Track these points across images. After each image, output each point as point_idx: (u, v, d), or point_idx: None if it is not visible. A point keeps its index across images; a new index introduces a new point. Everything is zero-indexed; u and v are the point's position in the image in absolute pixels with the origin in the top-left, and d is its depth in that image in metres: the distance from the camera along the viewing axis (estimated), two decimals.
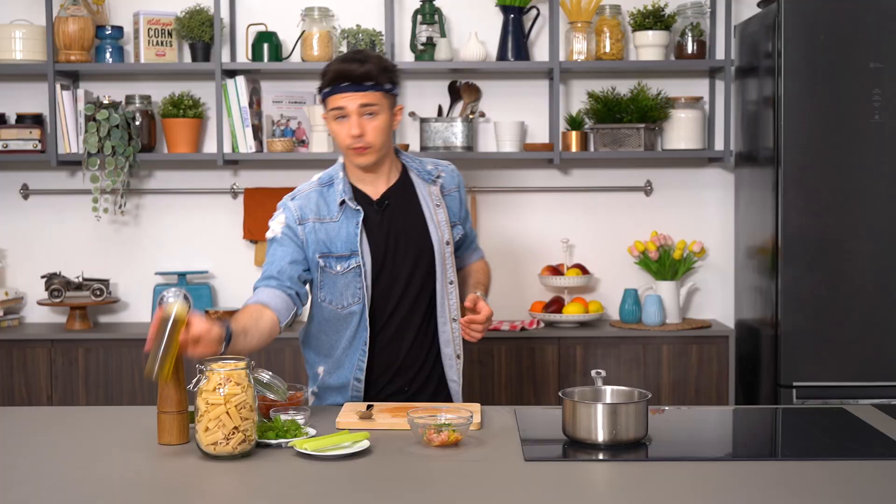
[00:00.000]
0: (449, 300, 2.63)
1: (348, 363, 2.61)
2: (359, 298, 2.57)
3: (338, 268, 2.55)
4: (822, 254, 3.53)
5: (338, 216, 2.56)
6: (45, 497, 1.89)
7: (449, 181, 2.70)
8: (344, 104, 2.50)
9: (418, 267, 2.60)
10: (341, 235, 2.55)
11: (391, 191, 2.61)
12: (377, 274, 2.57)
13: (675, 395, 3.84)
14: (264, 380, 2.29)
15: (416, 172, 2.65)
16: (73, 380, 3.84)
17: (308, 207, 2.57)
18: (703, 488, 1.93)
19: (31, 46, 3.93)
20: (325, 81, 2.54)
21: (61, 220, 4.19)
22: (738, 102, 3.98)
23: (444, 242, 2.61)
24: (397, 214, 2.60)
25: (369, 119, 2.51)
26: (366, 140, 2.51)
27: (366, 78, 2.49)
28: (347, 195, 2.57)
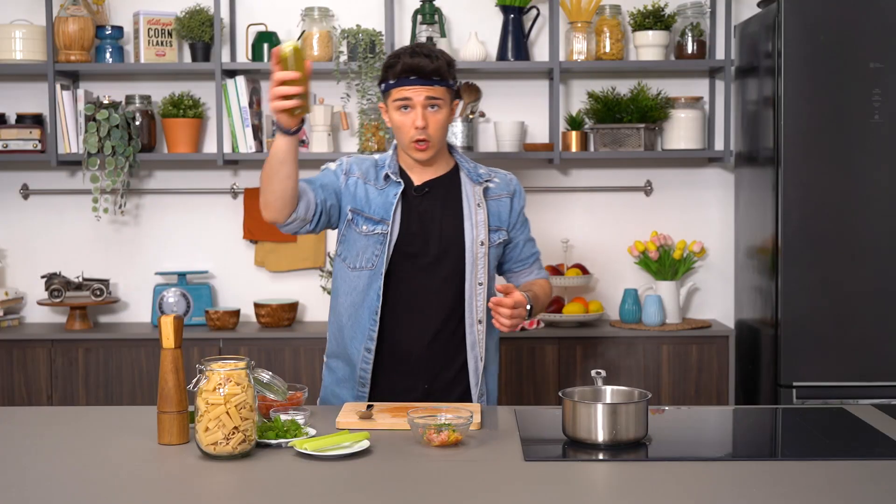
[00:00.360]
0: (477, 301, 2.62)
1: (359, 333, 2.61)
2: (372, 265, 2.58)
3: (363, 227, 2.59)
4: (822, 254, 3.53)
5: (382, 185, 2.61)
6: (46, 497, 1.89)
7: (500, 187, 2.70)
8: (412, 96, 2.54)
9: (447, 260, 2.61)
10: (378, 200, 2.60)
11: (435, 181, 2.65)
12: (400, 251, 2.59)
13: (675, 395, 3.84)
14: (264, 380, 2.29)
15: (466, 171, 2.67)
16: (73, 380, 3.84)
17: (359, 167, 2.64)
18: (703, 488, 1.93)
19: (31, 46, 3.93)
20: (391, 73, 2.56)
21: (61, 220, 4.19)
22: (738, 102, 3.99)
23: (478, 241, 2.61)
24: (435, 204, 2.63)
25: (433, 112, 2.56)
26: (428, 133, 2.55)
27: (435, 74, 2.54)
28: (392, 170, 2.62)
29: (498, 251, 2.69)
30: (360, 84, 3.93)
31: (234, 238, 4.19)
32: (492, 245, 2.65)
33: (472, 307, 2.62)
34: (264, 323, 3.97)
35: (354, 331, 2.63)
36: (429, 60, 2.54)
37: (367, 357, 2.62)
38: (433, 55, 2.56)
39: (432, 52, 2.57)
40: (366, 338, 2.61)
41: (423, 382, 2.64)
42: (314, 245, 4.14)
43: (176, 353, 2.22)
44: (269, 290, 4.18)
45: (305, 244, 4.13)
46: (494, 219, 2.67)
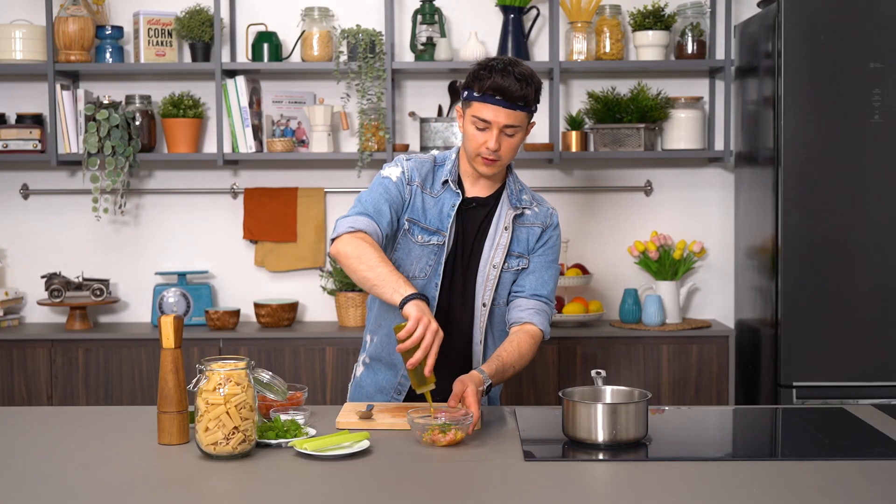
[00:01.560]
0: (480, 321, 2.61)
1: None
2: (426, 275, 2.57)
3: (419, 237, 2.57)
4: (822, 254, 3.53)
5: (439, 193, 2.59)
6: (46, 497, 1.89)
7: (535, 217, 2.65)
8: (491, 118, 2.47)
9: (468, 276, 2.60)
10: (435, 210, 2.58)
11: (480, 199, 2.61)
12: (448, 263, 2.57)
13: (675, 395, 3.84)
14: (264, 380, 2.29)
15: (510, 193, 2.63)
16: (73, 380, 3.84)
17: (419, 172, 2.59)
18: (703, 488, 1.93)
19: (31, 46, 3.93)
20: (477, 86, 2.48)
21: (61, 220, 4.19)
22: (738, 102, 3.99)
23: (491, 263, 2.59)
24: (475, 220, 2.60)
25: (508, 138, 2.50)
26: (498, 154, 2.51)
27: (521, 100, 2.47)
28: (452, 177, 2.59)
29: (513, 277, 2.63)
30: (360, 84, 3.93)
31: (234, 238, 4.19)
32: (507, 270, 2.61)
33: (477, 327, 2.61)
34: (264, 323, 3.97)
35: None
36: (519, 86, 2.45)
37: None
38: (525, 79, 2.46)
39: (524, 75, 2.47)
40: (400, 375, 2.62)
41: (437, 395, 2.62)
42: (314, 245, 4.14)
43: (176, 353, 2.22)
44: (269, 290, 4.18)
45: (305, 244, 4.13)
46: (520, 245, 2.62)
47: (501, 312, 2.64)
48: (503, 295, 2.62)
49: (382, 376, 2.66)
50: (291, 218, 4.13)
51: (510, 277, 2.62)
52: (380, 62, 3.90)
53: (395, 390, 2.64)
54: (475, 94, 2.48)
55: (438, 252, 2.57)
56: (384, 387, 2.66)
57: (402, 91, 4.13)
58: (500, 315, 2.64)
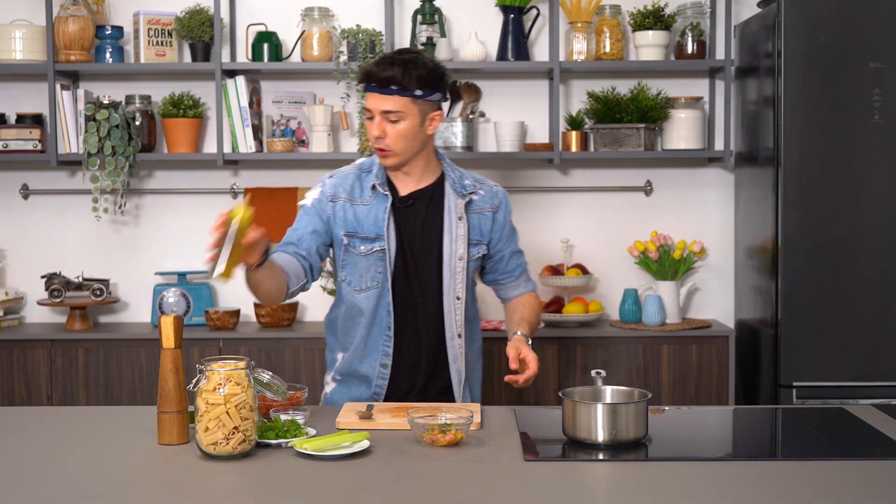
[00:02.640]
0: (455, 315, 2.62)
1: (371, 351, 2.63)
2: (377, 283, 2.59)
3: (361, 248, 2.59)
4: (822, 254, 3.53)
5: (369, 200, 2.61)
6: (45, 497, 1.89)
7: (484, 200, 2.67)
8: (371, 106, 2.54)
9: (430, 274, 2.61)
10: (370, 218, 2.59)
11: (419, 192, 2.63)
12: (398, 264, 2.59)
13: (675, 395, 3.84)
14: (264, 380, 2.29)
15: (451, 182, 2.64)
16: (73, 380, 3.84)
17: (342, 187, 2.63)
18: (703, 488, 1.93)
19: (31, 46, 3.93)
20: (361, 76, 2.58)
21: (61, 220, 4.19)
22: (738, 102, 3.98)
23: (455, 256, 2.60)
24: (418, 216, 2.61)
25: (391, 124, 2.53)
26: (385, 143, 2.54)
27: (389, 82, 2.50)
28: (379, 181, 2.61)
29: (475, 265, 2.68)
30: (359, 84, 3.93)
31: None
32: (471, 259, 2.64)
33: (452, 322, 2.62)
34: (264, 323, 3.97)
35: (368, 349, 2.64)
36: (383, 69, 2.49)
37: (384, 373, 2.63)
38: (395, 63, 2.50)
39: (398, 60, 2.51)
40: (381, 354, 2.63)
41: (413, 396, 2.65)
42: None
43: (176, 353, 2.22)
44: None
45: None
46: (475, 232, 2.65)
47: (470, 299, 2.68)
48: (469, 285, 2.66)
49: (356, 390, 2.68)
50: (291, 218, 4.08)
51: (473, 266, 2.66)
52: None
53: (371, 399, 2.66)
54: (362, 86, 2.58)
55: (383, 257, 2.58)
56: (360, 399, 2.67)
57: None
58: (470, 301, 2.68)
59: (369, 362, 2.64)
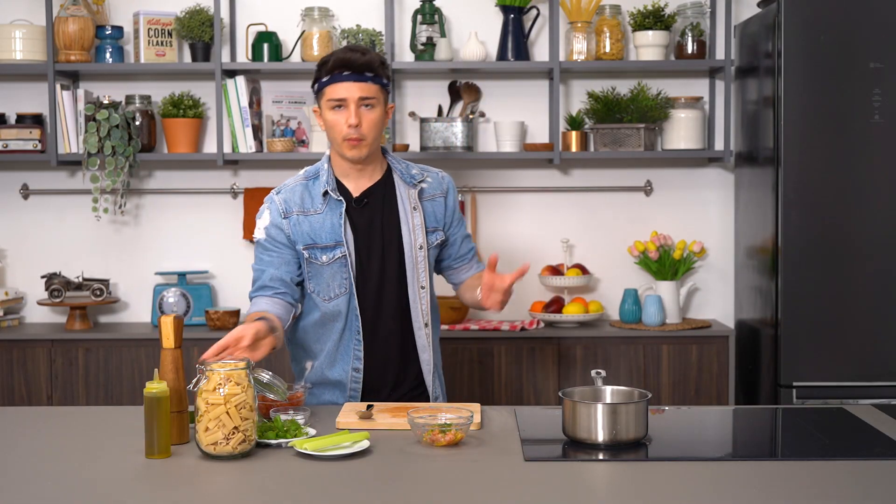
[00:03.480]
0: (421, 304, 2.63)
1: (342, 356, 2.64)
2: (345, 289, 2.59)
3: (323, 258, 2.58)
4: (822, 254, 3.53)
5: (322, 208, 2.59)
6: (45, 497, 1.89)
7: (433, 187, 2.69)
8: (345, 95, 2.52)
9: (392, 267, 2.62)
10: (326, 227, 2.58)
11: (371, 189, 2.63)
12: (359, 268, 2.60)
13: (675, 395, 3.84)
14: (264, 380, 2.29)
15: (399, 174, 2.65)
16: (73, 380, 3.84)
17: (293, 200, 2.60)
18: (703, 488, 1.93)
19: (31, 46, 3.93)
20: (324, 70, 2.55)
21: (61, 220, 4.19)
22: (738, 102, 3.99)
23: (416, 246, 2.61)
24: (374, 213, 2.62)
25: (367, 111, 2.54)
26: (361, 131, 2.53)
27: (367, 68, 2.53)
28: (331, 186, 2.59)
29: (436, 252, 2.70)
30: None
31: (234, 238, 4.19)
32: (430, 246, 2.65)
33: (418, 311, 2.63)
34: None
35: (339, 354, 2.64)
36: (360, 55, 2.53)
37: (357, 377, 2.63)
38: (365, 51, 2.56)
39: (366, 49, 2.57)
40: (352, 358, 2.63)
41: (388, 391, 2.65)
42: None
43: (176, 353, 2.22)
44: None
45: None
46: (431, 220, 2.66)
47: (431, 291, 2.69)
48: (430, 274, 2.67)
49: (330, 395, 2.68)
50: None
51: (433, 253, 2.67)
52: None
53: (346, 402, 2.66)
54: (324, 79, 2.55)
55: (347, 263, 2.58)
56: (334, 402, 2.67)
57: (402, 91, 4.13)
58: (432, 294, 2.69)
59: (341, 367, 2.64)
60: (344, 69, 2.52)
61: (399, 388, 2.66)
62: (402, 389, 2.66)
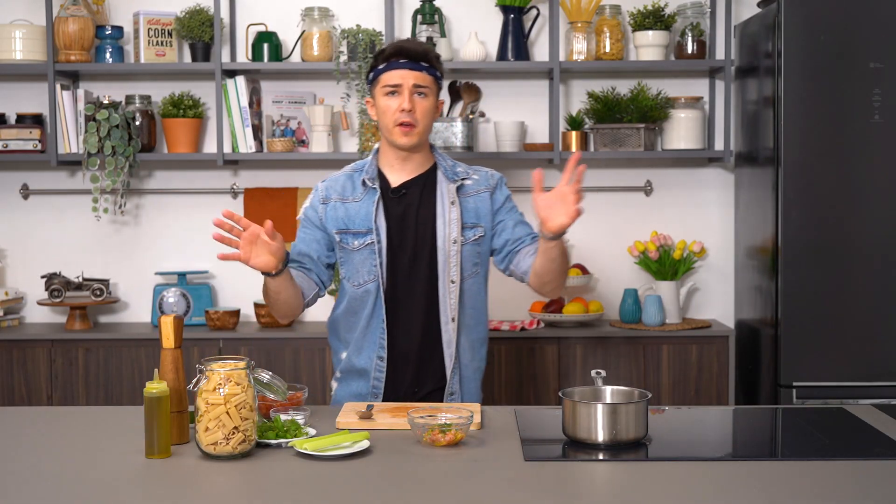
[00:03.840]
0: (450, 299, 2.63)
1: (369, 344, 2.66)
2: (373, 276, 2.62)
3: (354, 243, 2.63)
4: (822, 254, 3.53)
5: (360, 196, 2.65)
6: (45, 497, 1.89)
7: (478, 184, 2.70)
8: (399, 81, 2.58)
9: (423, 259, 2.63)
10: (360, 213, 2.63)
11: (412, 181, 2.66)
12: (389, 256, 2.62)
13: (675, 395, 3.84)
14: (264, 380, 2.29)
15: (443, 170, 2.68)
16: (73, 380, 3.84)
17: (334, 189, 2.68)
18: (703, 488, 1.93)
19: (31, 46, 3.93)
20: (381, 58, 2.62)
21: (61, 220, 4.19)
22: (738, 102, 3.98)
23: (449, 240, 2.62)
24: (411, 204, 2.65)
25: (420, 99, 2.60)
26: (414, 117, 2.58)
27: (423, 58, 2.60)
28: (370, 175, 2.65)
29: (474, 248, 2.67)
30: (360, 84, 3.93)
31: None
32: (466, 242, 2.65)
33: (446, 306, 2.64)
34: (264, 323, 3.97)
35: (365, 342, 2.67)
36: (418, 44, 2.63)
37: (381, 365, 2.65)
38: (421, 43, 2.64)
39: (421, 42, 2.66)
40: (377, 346, 2.65)
41: (414, 385, 2.66)
42: None
43: (176, 353, 2.22)
44: None
45: None
46: (471, 216, 2.66)
47: (469, 288, 2.66)
48: (468, 268, 2.66)
49: (356, 385, 2.69)
50: (291, 218, 4.12)
51: (470, 249, 2.66)
52: None
53: (371, 395, 2.68)
54: (380, 67, 2.61)
55: (378, 249, 2.61)
56: (359, 393, 2.69)
57: None
58: (470, 291, 2.67)
59: (367, 354, 2.66)
60: (401, 56, 2.58)
61: (422, 382, 2.66)
62: (425, 383, 2.66)
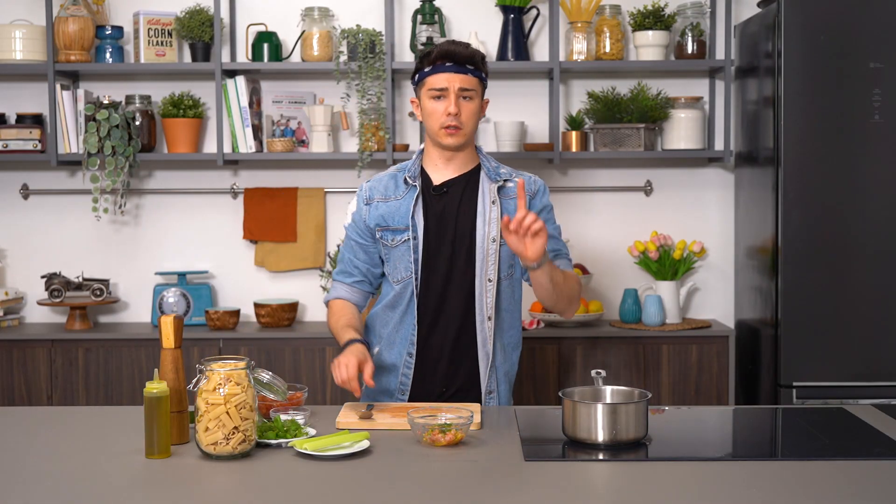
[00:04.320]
0: (486, 297, 2.63)
1: (401, 340, 2.67)
2: (410, 272, 2.63)
3: (393, 240, 2.65)
4: (822, 254, 3.53)
5: (402, 194, 2.67)
6: (45, 497, 1.89)
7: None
8: (446, 84, 2.59)
9: (461, 258, 2.63)
10: (400, 211, 2.65)
11: (454, 180, 2.67)
12: (427, 253, 2.63)
13: (675, 395, 3.84)
14: (264, 380, 2.29)
15: (487, 170, 2.69)
16: (73, 380, 3.84)
17: (377, 189, 2.70)
18: (703, 488, 1.93)
19: (31, 46, 3.93)
20: (427, 61, 2.62)
21: (61, 220, 4.19)
22: (738, 102, 3.98)
23: (489, 238, 2.63)
24: (451, 203, 2.66)
25: (466, 102, 2.61)
26: (460, 120, 2.59)
27: (469, 61, 2.60)
28: (411, 174, 2.67)
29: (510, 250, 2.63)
30: (360, 84, 3.93)
31: (234, 238, 4.19)
32: (504, 243, 2.64)
33: (483, 304, 2.64)
34: (264, 323, 3.97)
35: (397, 338, 2.67)
36: (464, 47, 2.62)
37: (409, 362, 2.66)
38: (467, 45, 2.64)
39: (467, 43, 2.65)
40: (407, 343, 2.66)
41: (444, 383, 2.66)
42: (314, 245, 4.14)
43: (176, 353, 2.22)
44: (269, 290, 4.18)
45: (305, 244, 4.13)
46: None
47: (504, 289, 2.67)
48: (504, 269, 2.66)
49: (384, 381, 2.70)
50: (291, 218, 4.13)
51: (507, 251, 2.65)
52: (380, 62, 3.90)
53: (398, 391, 2.68)
54: (426, 70, 2.62)
55: (415, 245, 2.62)
56: (387, 389, 2.70)
57: (402, 91, 4.13)
58: (504, 291, 2.67)
59: (398, 350, 2.67)
60: (447, 60, 2.59)
61: (452, 381, 2.66)
62: (454, 382, 2.66)
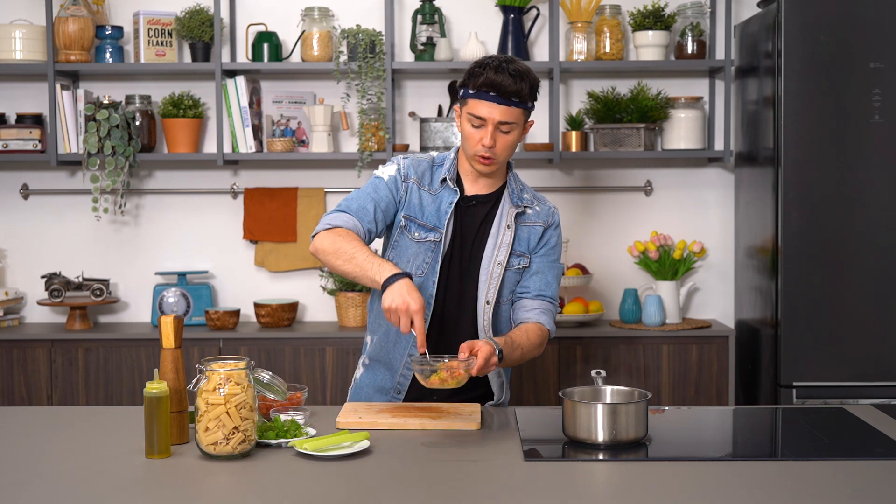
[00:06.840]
0: (483, 319, 2.59)
1: (406, 337, 2.59)
2: (423, 272, 2.58)
3: (416, 234, 2.58)
4: (822, 254, 3.53)
5: (437, 190, 2.60)
6: (45, 497, 1.89)
7: (538, 215, 2.65)
8: (486, 115, 2.48)
9: (469, 273, 2.59)
10: (433, 207, 2.59)
11: (482, 196, 2.62)
12: (444, 259, 2.58)
13: (675, 395, 3.84)
14: (264, 380, 2.29)
15: (511, 191, 2.64)
16: (73, 380, 3.84)
17: (416, 170, 2.61)
18: (703, 488, 1.93)
19: (31, 46, 3.94)
20: (472, 84, 2.50)
21: (61, 220, 4.19)
22: (738, 102, 3.99)
23: (495, 261, 2.58)
24: (476, 218, 2.61)
25: (503, 135, 2.51)
26: (494, 152, 2.51)
27: (515, 95, 2.48)
28: (450, 175, 2.60)
29: (515, 276, 2.63)
30: (360, 84, 3.93)
31: (234, 238, 4.19)
32: (510, 268, 2.61)
33: (480, 324, 2.60)
34: (264, 323, 3.97)
35: (400, 336, 2.61)
36: (512, 81, 2.46)
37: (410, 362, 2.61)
38: (519, 75, 2.48)
39: (519, 71, 2.48)
40: (411, 345, 2.60)
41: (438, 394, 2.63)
42: None
43: (176, 353, 2.22)
44: (269, 290, 4.18)
45: (305, 244, 4.13)
46: (522, 245, 2.62)
47: (503, 311, 2.63)
48: (505, 294, 2.62)
49: (381, 376, 2.66)
50: (291, 218, 4.13)
51: (512, 276, 2.62)
52: (380, 62, 3.90)
53: (394, 390, 2.64)
54: (470, 91, 2.51)
55: (435, 249, 2.57)
56: (383, 387, 2.66)
57: (402, 91, 4.13)
58: (504, 314, 2.64)
59: (399, 350, 2.62)
60: (491, 90, 2.47)
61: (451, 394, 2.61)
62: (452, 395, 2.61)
